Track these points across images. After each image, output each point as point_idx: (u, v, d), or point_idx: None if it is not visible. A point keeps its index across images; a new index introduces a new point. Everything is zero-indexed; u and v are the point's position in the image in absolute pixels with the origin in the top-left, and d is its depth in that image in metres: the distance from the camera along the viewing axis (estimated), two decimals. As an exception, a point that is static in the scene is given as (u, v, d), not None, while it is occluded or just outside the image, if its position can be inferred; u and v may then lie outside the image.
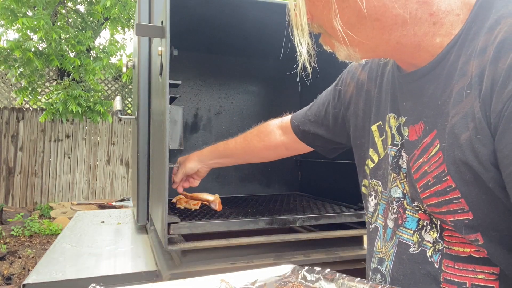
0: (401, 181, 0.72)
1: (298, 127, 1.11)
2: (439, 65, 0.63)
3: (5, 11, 5.80)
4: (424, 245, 0.67)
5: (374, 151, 0.81)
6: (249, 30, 1.63)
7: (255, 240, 1.25)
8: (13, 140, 6.80)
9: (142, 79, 1.69)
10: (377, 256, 0.78)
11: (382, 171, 0.78)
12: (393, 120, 0.74)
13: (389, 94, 0.77)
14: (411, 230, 0.69)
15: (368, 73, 0.86)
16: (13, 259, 4.54)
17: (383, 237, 0.76)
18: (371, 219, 0.82)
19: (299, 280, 0.71)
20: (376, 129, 0.80)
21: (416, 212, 0.68)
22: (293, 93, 2.23)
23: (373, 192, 0.82)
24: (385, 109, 0.77)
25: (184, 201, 1.51)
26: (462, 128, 0.57)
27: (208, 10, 1.43)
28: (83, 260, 1.34)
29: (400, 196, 0.72)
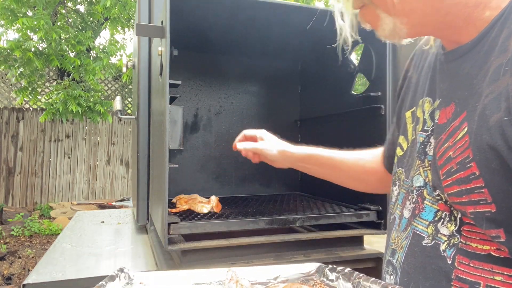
0: (425, 169, 0.66)
1: (384, 154, 0.93)
2: (481, 41, 0.59)
3: (5, 11, 5.80)
4: (439, 238, 0.62)
5: (405, 138, 0.76)
6: (249, 30, 1.63)
7: (255, 240, 1.25)
8: (13, 140, 6.80)
9: (142, 79, 1.69)
10: (390, 248, 0.74)
11: (408, 159, 0.73)
12: (428, 105, 0.69)
13: (428, 77, 0.72)
14: (426, 221, 0.65)
15: (414, 61, 0.81)
16: (13, 259, 4.54)
17: (398, 227, 0.72)
18: (392, 210, 0.77)
19: (321, 279, 0.70)
20: (409, 115, 0.75)
21: (435, 202, 0.64)
22: (293, 93, 2.23)
23: (397, 181, 0.76)
24: (421, 94, 0.72)
25: (184, 201, 1.51)
26: (493, 109, 0.52)
27: (208, 10, 1.43)
28: (83, 260, 1.33)
29: (421, 185, 0.67)
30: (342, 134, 1.73)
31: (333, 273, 0.69)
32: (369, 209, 1.43)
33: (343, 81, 1.76)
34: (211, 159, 2.07)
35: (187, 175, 2.00)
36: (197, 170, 2.04)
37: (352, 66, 1.71)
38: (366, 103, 1.52)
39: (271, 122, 2.16)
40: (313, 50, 1.98)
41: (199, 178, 2.03)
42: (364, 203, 1.48)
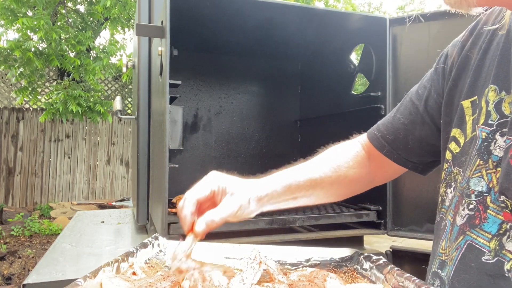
0: (488, 171, 0.57)
1: (386, 138, 0.81)
2: None
3: (5, 11, 5.79)
4: (503, 255, 0.53)
5: (462, 132, 0.64)
6: (249, 30, 1.63)
7: (255, 240, 1.25)
8: (13, 140, 6.80)
9: (142, 79, 1.69)
10: (439, 258, 0.65)
11: (466, 157, 0.63)
12: (492, 94, 0.59)
13: (495, 61, 0.61)
14: (489, 234, 0.55)
15: (474, 38, 0.68)
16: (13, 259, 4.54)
17: (449, 236, 0.63)
18: (445, 215, 0.67)
19: (355, 267, 0.67)
20: (469, 105, 0.63)
21: (500, 212, 0.55)
22: (293, 93, 2.22)
23: (453, 182, 0.65)
24: (486, 81, 0.61)
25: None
26: None
27: (208, 10, 1.43)
28: (83, 260, 1.33)
29: (483, 190, 0.57)
30: (342, 134, 1.73)
31: (368, 262, 0.66)
32: (369, 209, 1.43)
33: (343, 81, 1.75)
34: (211, 159, 2.06)
35: (187, 175, 2.00)
36: (197, 170, 2.04)
37: (352, 66, 1.71)
38: (366, 103, 1.52)
39: (271, 122, 2.16)
40: (313, 50, 1.98)
41: (199, 178, 2.02)
42: (364, 203, 1.47)
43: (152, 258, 0.71)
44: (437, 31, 1.43)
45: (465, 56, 0.68)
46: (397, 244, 1.56)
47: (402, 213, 1.44)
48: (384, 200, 1.39)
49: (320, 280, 0.57)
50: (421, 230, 1.44)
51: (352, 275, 0.65)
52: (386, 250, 1.46)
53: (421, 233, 1.43)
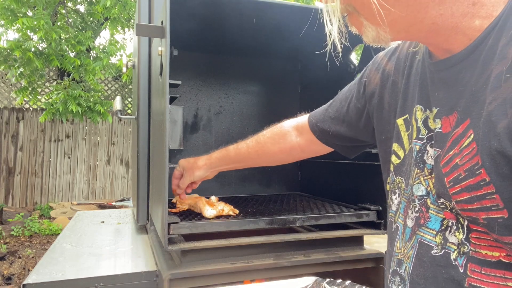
0: (425, 178, 0.67)
1: (317, 125, 1.05)
2: (477, 49, 0.58)
3: (5, 11, 5.79)
4: (448, 247, 0.62)
5: (400, 146, 0.76)
6: (249, 30, 1.63)
7: (255, 240, 1.25)
8: (13, 140, 6.80)
9: (142, 79, 1.69)
10: (396, 258, 0.74)
11: (406, 167, 0.73)
12: (420, 113, 0.70)
13: (417, 85, 0.71)
14: (434, 230, 0.65)
15: (395, 64, 0.80)
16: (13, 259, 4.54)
17: (402, 237, 0.72)
18: (394, 218, 0.77)
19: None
20: (402, 123, 0.75)
21: (440, 211, 0.64)
22: (293, 93, 2.23)
23: (397, 190, 0.77)
24: (412, 102, 0.72)
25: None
26: (500, 115, 0.52)
27: (208, 10, 1.43)
28: (83, 260, 1.34)
29: (423, 194, 0.67)
30: (342, 134, 1.73)
31: (333, 286, 0.68)
32: (369, 209, 1.43)
33: (343, 81, 1.75)
34: (211, 159, 2.07)
35: (187, 175, 2.00)
36: (197, 170, 2.04)
37: (352, 66, 1.71)
38: (366, 103, 1.52)
39: (271, 122, 2.16)
40: (313, 50, 1.98)
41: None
42: (364, 203, 1.48)
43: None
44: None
45: (391, 81, 0.81)
46: (397, 244, 1.56)
47: (402, 213, 1.45)
48: (384, 200, 1.39)
49: None
50: (421, 230, 1.44)
51: None
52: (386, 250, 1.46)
53: (421, 233, 1.44)
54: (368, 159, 1.44)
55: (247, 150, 1.20)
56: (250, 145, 1.20)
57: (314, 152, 1.14)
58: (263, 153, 1.17)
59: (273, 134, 1.17)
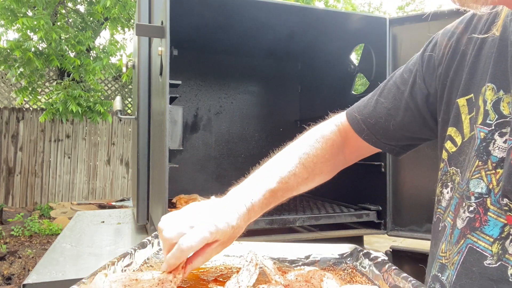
0: (488, 172, 0.56)
1: (365, 123, 0.81)
2: None
3: (5, 11, 5.79)
4: (506, 260, 0.52)
5: (458, 131, 0.63)
6: (249, 30, 1.63)
7: (255, 240, 1.24)
8: (13, 140, 6.80)
9: (142, 79, 1.69)
10: (439, 262, 0.64)
11: (464, 157, 0.62)
12: (490, 93, 0.58)
13: (491, 58, 0.59)
14: (491, 237, 0.54)
15: (471, 31, 0.65)
16: (13, 259, 4.54)
17: (449, 239, 0.62)
18: (442, 216, 0.66)
19: (354, 263, 0.67)
20: (464, 103, 0.62)
21: (502, 215, 0.53)
22: (293, 93, 2.23)
23: (450, 183, 0.65)
24: (482, 79, 0.60)
25: (184, 201, 1.50)
26: None
27: (208, 10, 1.43)
28: (83, 260, 1.33)
29: (482, 192, 0.56)
30: (342, 134, 1.73)
31: (366, 259, 0.66)
32: (369, 209, 1.43)
33: (343, 81, 1.75)
34: (211, 159, 2.07)
35: (187, 175, 2.00)
36: (197, 170, 2.04)
37: (352, 66, 1.71)
38: (366, 103, 1.52)
39: (271, 122, 2.16)
40: (313, 50, 1.98)
41: (199, 178, 2.03)
42: (364, 203, 1.48)
43: (152, 258, 0.70)
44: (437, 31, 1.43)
45: (460, 51, 0.66)
46: (397, 244, 1.57)
47: (402, 213, 1.44)
48: (384, 200, 1.39)
49: (316, 280, 0.57)
50: (421, 230, 1.44)
51: (351, 272, 0.65)
52: (386, 250, 1.46)
53: (421, 233, 1.43)
54: (368, 159, 1.43)
55: (296, 181, 0.82)
56: (298, 173, 0.82)
57: (359, 156, 0.90)
58: (315, 178, 0.87)
59: (319, 151, 0.84)
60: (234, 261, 0.70)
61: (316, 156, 0.83)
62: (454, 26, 0.70)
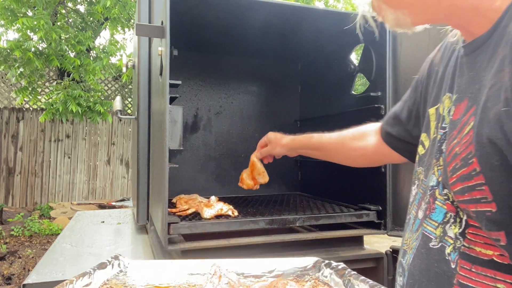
0: (439, 168, 0.64)
1: (383, 127, 0.97)
2: (494, 33, 0.55)
3: (5, 11, 5.79)
4: (445, 241, 0.60)
5: (427, 136, 0.72)
6: (249, 30, 1.63)
7: (255, 240, 1.25)
8: (13, 140, 6.80)
9: (142, 79, 1.69)
10: (403, 249, 0.73)
11: (427, 158, 0.70)
12: (447, 101, 0.66)
13: (451, 71, 0.68)
14: (436, 222, 0.62)
15: (442, 53, 0.76)
16: (13, 259, 4.54)
17: (411, 228, 0.71)
18: (409, 210, 0.75)
19: (317, 274, 0.70)
20: (433, 112, 0.71)
21: (445, 202, 0.61)
22: (293, 93, 2.23)
23: (416, 181, 0.74)
24: (445, 89, 0.68)
25: (184, 201, 1.50)
26: (494, 101, 0.50)
27: (208, 10, 1.43)
28: (83, 260, 1.34)
29: (434, 184, 0.65)
30: (342, 134, 1.73)
31: (328, 269, 0.69)
32: (369, 209, 1.43)
33: (343, 81, 1.75)
34: (211, 159, 2.07)
35: (187, 175, 2.00)
36: (197, 170, 2.04)
37: (352, 66, 1.71)
38: (366, 103, 1.52)
39: (271, 122, 2.16)
40: (313, 50, 1.98)
41: (199, 178, 2.03)
42: (364, 203, 1.48)
43: (111, 279, 0.68)
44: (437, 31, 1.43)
45: (434, 71, 0.76)
46: (397, 244, 1.56)
47: (402, 213, 1.44)
48: (384, 200, 1.39)
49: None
50: (421, 230, 1.44)
51: (314, 283, 0.68)
52: (386, 250, 1.46)
53: (421, 233, 1.43)
54: (368, 159, 1.43)
55: (328, 140, 1.14)
56: (333, 136, 1.14)
57: (385, 156, 1.00)
58: (341, 147, 1.11)
59: (356, 131, 1.09)
60: (198, 279, 0.70)
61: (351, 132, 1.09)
62: (433, 52, 0.83)
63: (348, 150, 1.08)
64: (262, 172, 1.38)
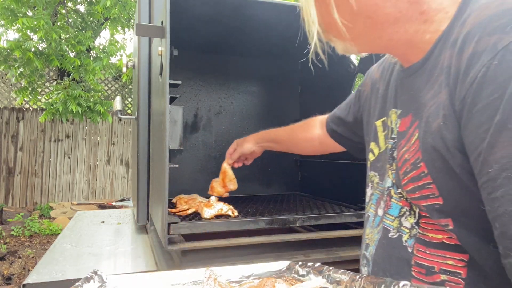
0: (392, 172, 0.76)
1: (328, 124, 1.17)
2: (428, 60, 0.67)
3: (5, 11, 5.80)
4: (402, 231, 0.71)
5: (376, 144, 0.85)
6: (249, 30, 1.63)
7: (255, 240, 1.25)
8: (13, 140, 6.80)
9: (142, 79, 1.69)
10: (365, 243, 0.84)
11: (381, 164, 0.82)
12: (394, 115, 0.78)
13: (393, 90, 0.80)
14: (393, 216, 0.74)
15: (381, 72, 0.90)
16: (13, 259, 4.54)
17: (372, 224, 0.82)
18: (366, 209, 0.88)
19: (292, 275, 0.74)
20: (380, 124, 0.84)
21: (399, 200, 0.73)
22: (293, 93, 2.23)
23: (370, 183, 0.87)
24: (390, 105, 0.81)
25: (184, 201, 1.50)
26: (434, 116, 0.61)
27: (208, 10, 1.43)
28: (83, 260, 1.34)
29: (389, 185, 0.77)
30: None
31: (304, 268, 0.73)
32: (369, 209, 1.43)
33: (343, 81, 1.76)
34: (211, 159, 2.07)
35: (187, 175, 2.00)
36: (197, 170, 2.04)
37: (352, 66, 1.71)
38: (366, 103, 1.52)
39: (271, 122, 2.16)
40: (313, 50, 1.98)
41: (199, 178, 2.03)
42: (364, 203, 1.47)
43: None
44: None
45: (376, 88, 0.90)
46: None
47: (402, 213, 1.44)
48: (384, 200, 1.39)
49: (269, 286, 0.65)
50: (421, 230, 1.44)
51: (291, 282, 0.71)
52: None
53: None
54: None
55: (283, 132, 1.35)
56: (286, 129, 1.34)
57: (329, 147, 1.20)
58: (292, 138, 1.32)
59: (304, 123, 1.29)
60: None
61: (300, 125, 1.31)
62: (373, 68, 0.98)
63: (299, 141, 1.29)
64: (233, 178, 1.49)
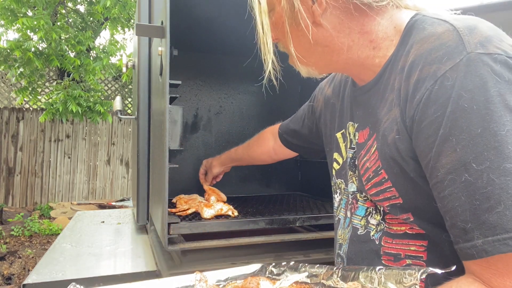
0: (356, 178, 0.86)
1: (282, 136, 1.32)
2: (379, 81, 0.77)
3: (5, 11, 5.80)
4: (369, 227, 0.82)
5: (339, 154, 0.96)
6: (249, 30, 1.63)
7: (255, 240, 1.25)
8: (13, 140, 6.80)
9: (142, 79, 1.69)
10: (338, 243, 0.93)
11: (345, 171, 0.92)
12: (352, 128, 0.89)
13: (349, 105, 0.91)
14: (360, 216, 0.85)
15: (333, 89, 1.03)
16: (13, 259, 4.54)
17: (343, 225, 0.92)
18: (336, 213, 0.98)
19: (267, 275, 0.78)
20: (340, 136, 0.95)
21: (365, 202, 0.84)
22: (293, 93, 2.23)
23: (338, 190, 0.97)
24: (346, 119, 0.92)
25: (184, 201, 1.50)
26: (389, 131, 0.72)
27: (208, 10, 1.43)
28: (83, 260, 1.34)
29: (354, 190, 0.87)
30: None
31: (278, 268, 0.77)
32: (369, 209, 1.43)
33: (343, 81, 1.75)
34: (211, 159, 2.06)
35: (187, 175, 2.00)
36: (197, 170, 2.04)
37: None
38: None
39: (271, 122, 2.16)
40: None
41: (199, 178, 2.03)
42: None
43: None
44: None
45: (330, 103, 1.02)
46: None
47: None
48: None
49: (254, 284, 0.69)
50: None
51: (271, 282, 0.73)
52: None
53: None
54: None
55: (242, 151, 1.53)
56: (244, 146, 1.52)
57: (285, 155, 1.38)
58: (250, 154, 1.49)
59: (258, 138, 1.46)
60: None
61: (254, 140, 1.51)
62: (323, 85, 1.10)
63: (256, 155, 1.46)
64: (219, 191, 1.60)
